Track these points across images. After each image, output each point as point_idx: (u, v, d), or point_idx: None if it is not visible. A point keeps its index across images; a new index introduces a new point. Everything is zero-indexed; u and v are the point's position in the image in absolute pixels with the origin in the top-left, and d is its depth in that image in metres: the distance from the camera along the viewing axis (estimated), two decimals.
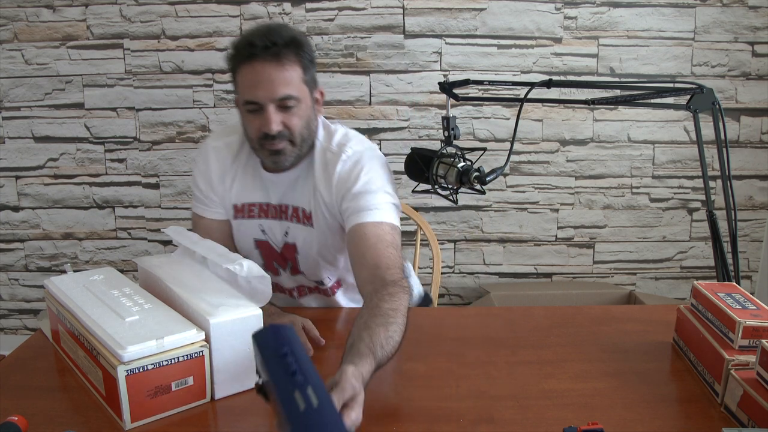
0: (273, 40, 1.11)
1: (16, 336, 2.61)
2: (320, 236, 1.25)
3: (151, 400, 0.86)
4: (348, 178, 1.19)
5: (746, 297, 0.99)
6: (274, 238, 1.30)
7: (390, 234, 1.14)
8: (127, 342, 0.85)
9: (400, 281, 1.06)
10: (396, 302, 0.99)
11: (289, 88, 1.13)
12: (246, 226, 1.31)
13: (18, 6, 2.32)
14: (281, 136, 1.16)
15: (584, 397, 0.94)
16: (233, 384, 0.94)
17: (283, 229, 1.28)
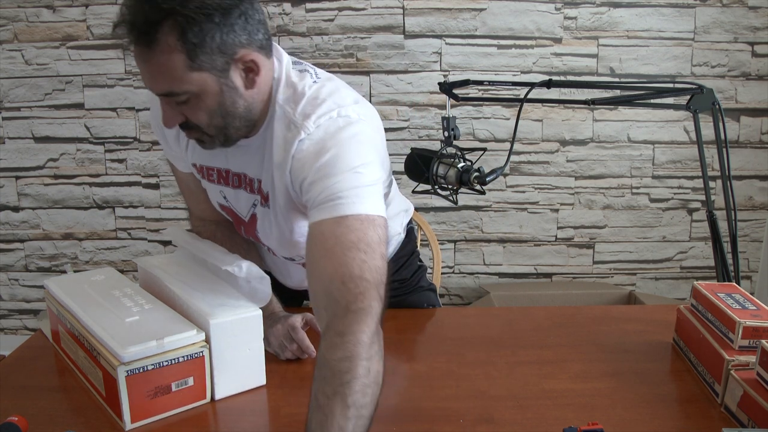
0: (137, 16, 0.81)
1: (16, 336, 2.61)
2: (279, 220, 1.03)
3: (151, 401, 0.86)
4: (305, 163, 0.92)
5: (746, 297, 0.99)
6: (238, 207, 1.10)
7: (356, 231, 0.85)
8: (128, 342, 0.85)
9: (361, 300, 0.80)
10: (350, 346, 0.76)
11: (169, 83, 0.86)
12: (210, 188, 1.13)
13: (18, 6, 2.32)
14: (188, 127, 0.94)
15: (584, 397, 0.94)
16: (233, 384, 0.94)
17: (246, 199, 1.07)
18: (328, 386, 0.74)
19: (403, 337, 1.16)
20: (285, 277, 1.28)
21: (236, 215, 1.12)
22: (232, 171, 1.05)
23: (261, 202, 1.04)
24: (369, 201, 0.89)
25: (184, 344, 0.88)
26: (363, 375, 0.75)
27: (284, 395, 0.95)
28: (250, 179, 1.03)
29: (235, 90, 0.91)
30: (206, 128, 0.93)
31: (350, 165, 0.90)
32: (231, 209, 1.11)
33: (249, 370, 0.95)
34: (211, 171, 1.08)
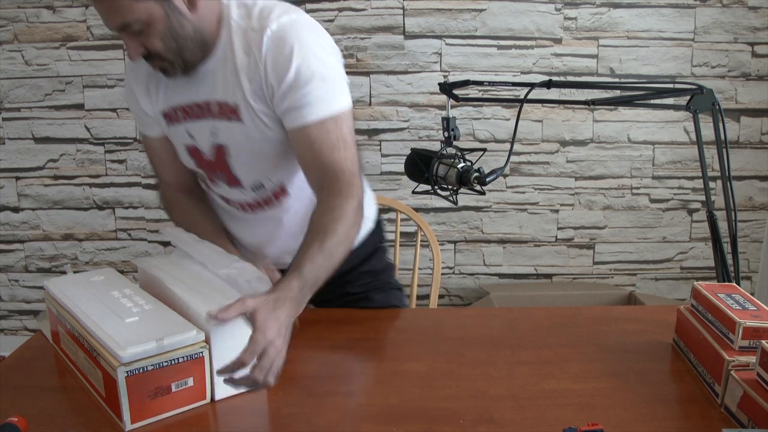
0: None
1: (16, 337, 2.62)
2: (252, 131, 1.08)
3: (151, 401, 0.86)
4: (278, 62, 1.02)
5: (746, 298, 0.99)
6: (202, 142, 1.13)
7: (334, 131, 1.04)
8: (127, 343, 0.85)
9: (347, 187, 1.03)
10: (336, 212, 1.00)
11: (121, 15, 0.96)
12: (176, 133, 1.16)
13: (18, 7, 2.32)
14: (150, 58, 1.03)
15: (584, 397, 0.94)
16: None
17: (209, 129, 1.11)
18: (312, 234, 0.98)
19: (403, 337, 1.16)
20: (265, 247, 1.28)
21: (200, 154, 1.16)
22: (197, 102, 1.11)
23: (230, 116, 1.08)
24: (339, 96, 1.06)
25: (183, 345, 0.88)
26: (342, 234, 0.99)
27: (284, 395, 0.95)
28: (217, 102, 1.09)
29: (179, 13, 1.00)
30: (165, 54, 1.02)
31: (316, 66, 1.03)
32: (196, 148, 1.15)
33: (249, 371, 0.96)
34: (178, 111, 1.13)
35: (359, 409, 0.91)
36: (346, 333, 1.17)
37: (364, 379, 0.99)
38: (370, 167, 2.46)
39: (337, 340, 1.14)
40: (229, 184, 1.17)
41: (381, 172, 2.46)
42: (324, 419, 0.88)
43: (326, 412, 0.90)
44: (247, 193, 1.18)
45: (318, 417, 0.88)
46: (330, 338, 1.15)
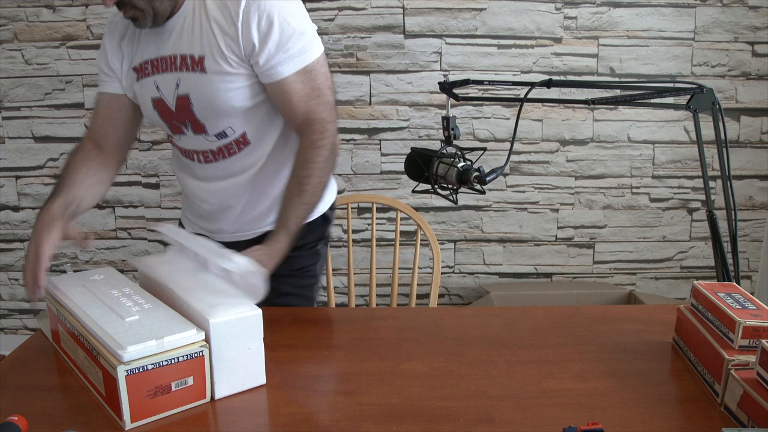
0: None
1: (16, 336, 2.62)
2: (214, 81, 1.15)
3: (151, 400, 0.86)
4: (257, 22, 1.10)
5: (746, 297, 0.99)
6: (167, 94, 1.20)
7: (309, 82, 1.15)
8: (127, 342, 0.85)
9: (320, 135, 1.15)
10: (311, 166, 1.14)
11: None
12: (144, 87, 1.22)
13: (18, 6, 2.32)
14: (123, 5, 1.10)
15: (584, 397, 0.94)
16: (233, 383, 0.94)
17: (174, 80, 1.18)
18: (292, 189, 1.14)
19: (403, 337, 1.16)
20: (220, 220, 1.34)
21: (166, 105, 1.22)
22: (164, 55, 1.18)
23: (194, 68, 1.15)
24: (312, 48, 1.16)
25: (183, 344, 0.88)
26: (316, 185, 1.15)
27: (284, 395, 0.95)
28: (182, 56, 1.16)
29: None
30: (136, 2, 1.09)
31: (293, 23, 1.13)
32: (161, 100, 1.22)
33: (249, 369, 0.96)
34: (147, 65, 1.21)
35: (359, 409, 0.91)
36: (346, 333, 1.17)
37: (364, 379, 0.99)
38: (371, 166, 2.46)
39: (337, 340, 1.14)
40: (195, 131, 1.23)
41: (381, 171, 2.46)
42: (324, 419, 0.88)
43: (326, 412, 0.90)
44: (211, 140, 1.24)
45: (318, 417, 0.88)
46: (330, 338, 1.15)
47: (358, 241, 2.52)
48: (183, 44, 1.15)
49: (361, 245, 2.52)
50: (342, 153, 2.45)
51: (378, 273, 2.44)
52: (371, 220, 1.80)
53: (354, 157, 2.45)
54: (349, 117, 2.41)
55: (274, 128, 1.26)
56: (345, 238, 2.50)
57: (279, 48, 1.12)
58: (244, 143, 1.25)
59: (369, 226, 2.50)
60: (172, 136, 1.28)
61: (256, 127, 1.24)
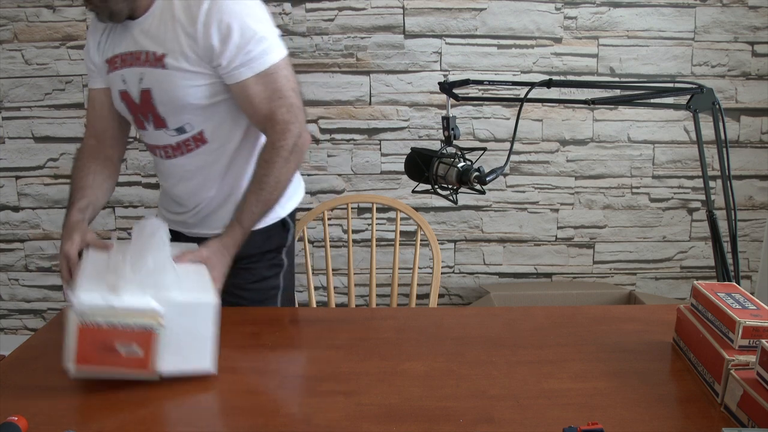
0: None
1: (16, 336, 2.62)
2: (175, 77, 1.20)
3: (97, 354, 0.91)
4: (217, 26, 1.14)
5: (746, 297, 0.99)
6: (132, 87, 1.25)
7: (271, 84, 1.19)
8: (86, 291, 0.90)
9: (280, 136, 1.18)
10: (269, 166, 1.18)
11: None
12: (113, 80, 1.28)
13: (18, 6, 2.32)
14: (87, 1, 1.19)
15: (584, 397, 0.94)
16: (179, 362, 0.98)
17: (138, 75, 1.23)
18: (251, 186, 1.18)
19: (403, 337, 1.16)
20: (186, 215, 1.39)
21: (131, 98, 1.27)
22: (131, 51, 1.24)
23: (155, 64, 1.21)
24: (273, 52, 1.19)
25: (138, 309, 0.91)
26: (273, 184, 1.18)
27: (284, 395, 0.95)
28: (146, 52, 1.21)
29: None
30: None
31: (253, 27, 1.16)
32: (127, 93, 1.27)
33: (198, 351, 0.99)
34: (117, 59, 1.26)
35: (359, 409, 0.91)
36: (346, 333, 1.17)
37: (364, 379, 0.99)
38: (371, 166, 2.46)
39: (337, 340, 1.14)
40: (156, 126, 1.28)
41: (381, 171, 2.46)
42: (324, 419, 0.88)
43: (326, 412, 0.90)
44: (171, 135, 1.28)
45: (318, 417, 0.88)
46: (330, 338, 1.15)
47: (358, 241, 2.52)
48: (148, 41, 1.21)
49: (361, 245, 2.52)
50: (342, 153, 2.45)
51: (378, 273, 2.44)
52: (371, 220, 1.80)
53: (354, 157, 2.45)
54: (349, 117, 2.41)
55: (236, 129, 1.29)
56: (345, 238, 2.51)
57: (239, 51, 1.16)
58: (201, 141, 1.28)
59: (369, 226, 2.50)
60: (139, 130, 1.33)
61: (215, 126, 1.27)
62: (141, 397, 0.94)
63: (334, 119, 2.42)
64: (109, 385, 0.96)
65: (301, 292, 2.55)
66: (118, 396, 0.94)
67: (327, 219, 1.80)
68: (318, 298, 2.59)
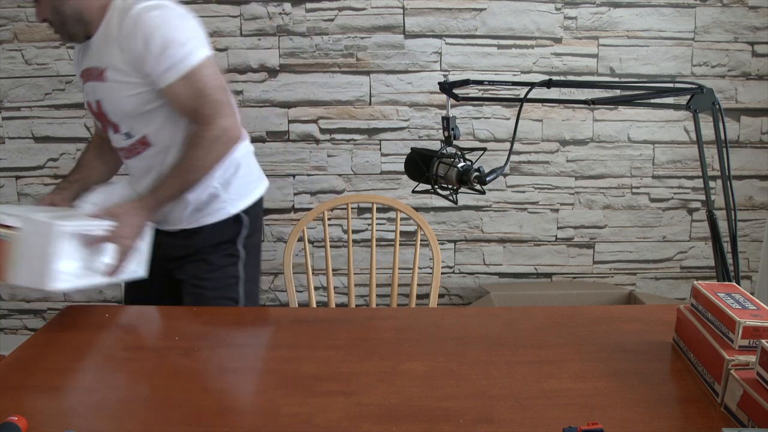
0: None
1: (16, 336, 2.62)
2: (113, 89, 1.32)
3: None
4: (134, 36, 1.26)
5: (746, 297, 0.99)
6: (91, 100, 1.39)
7: (196, 83, 1.28)
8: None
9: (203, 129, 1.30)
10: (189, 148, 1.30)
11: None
12: (85, 89, 1.42)
13: (18, 6, 2.32)
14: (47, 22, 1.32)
15: (584, 397, 0.94)
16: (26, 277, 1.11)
17: (93, 88, 1.37)
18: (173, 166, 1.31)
19: (403, 337, 1.16)
20: None
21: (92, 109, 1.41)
22: (87, 66, 1.37)
23: (98, 78, 1.33)
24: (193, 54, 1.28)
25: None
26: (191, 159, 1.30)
27: (284, 395, 0.95)
28: (94, 68, 1.34)
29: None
30: (53, 22, 1.31)
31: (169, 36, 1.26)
32: (89, 103, 1.41)
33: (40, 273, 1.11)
34: (84, 72, 1.39)
35: (359, 409, 0.91)
36: (346, 333, 1.18)
37: (364, 379, 0.99)
38: (371, 166, 2.46)
39: (337, 340, 1.14)
40: (114, 131, 1.40)
41: (381, 171, 2.46)
42: (324, 419, 0.88)
43: (326, 412, 0.90)
44: (123, 139, 1.40)
45: (318, 417, 0.88)
46: (330, 338, 1.15)
47: (358, 241, 2.52)
48: (94, 57, 1.34)
49: (361, 245, 2.52)
50: (342, 153, 2.45)
51: (378, 273, 2.44)
52: (371, 220, 1.80)
53: (354, 157, 2.45)
54: (349, 117, 2.41)
55: (177, 132, 1.37)
56: (345, 238, 2.51)
57: (161, 57, 1.25)
58: (146, 144, 1.39)
59: (369, 226, 2.50)
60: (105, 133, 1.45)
61: (155, 130, 1.37)
62: (141, 397, 0.94)
63: (334, 119, 2.42)
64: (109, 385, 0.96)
65: (301, 292, 2.55)
66: (118, 396, 0.94)
67: (327, 219, 1.80)
68: (318, 298, 2.59)
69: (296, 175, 2.46)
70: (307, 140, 2.43)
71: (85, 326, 1.19)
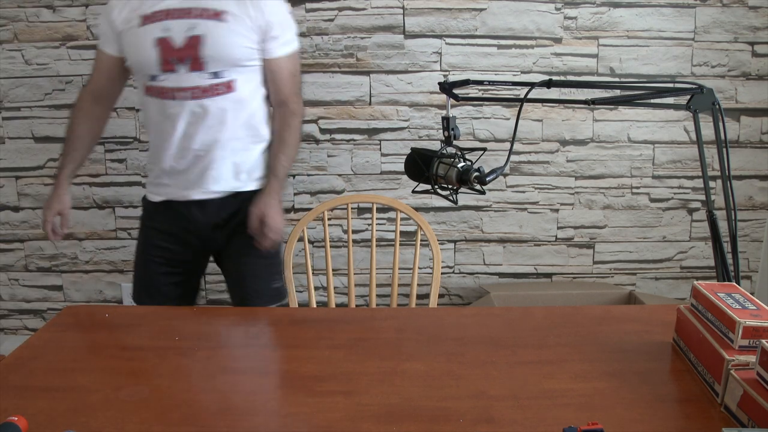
0: None
1: (16, 336, 2.62)
2: (230, 34, 1.41)
3: None
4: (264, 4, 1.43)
5: (746, 297, 0.99)
6: (175, 35, 1.41)
7: (290, 65, 1.51)
8: None
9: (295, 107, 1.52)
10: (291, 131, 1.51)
11: None
12: (149, 30, 1.42)
13: (18, 6, 2.32)
14: None
15: (584, 397, 0.94)
16: None
17: (188, 25, 1.40)
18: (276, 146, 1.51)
19: (403, 337, 1.16)
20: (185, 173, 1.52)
21: (170, 44, 1.41)
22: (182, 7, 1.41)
23: (212, 17, 1.40)
24: (295, 40, 1.52)
25: None
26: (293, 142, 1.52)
27: (284, 395, 0.95)
28: (203, 8, 1.41)
29: None
30: None
31: (289, 17, 1.50)
32: (167, 39, 1.42)
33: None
34: (159, 13, 1.42)
35: (359, 409, 0.91)
36: (346, 333, 1.18)
37: (364, 379, 0.99)
38: (370, 167, 2.46)
39: (337, 340, 1.14)
40: (191, 68, 1.42)
41: (381, 171, 2.46)
42: (324, 419, 0.88)
43: (326, 412, 0.90)
44: (205, 78, 1.43)
45: (318, 417, 0.89)
46: (330, 338, 1.15)
47: (358, 241, 2.52)
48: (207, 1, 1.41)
49: (361, 245, 2.52)
50: (342, 153, 2.45)
51: (378, 273, 2.44)
52: (371, 220, 1.80)
53: (354, 157, 2.45)
54: (349, 117, 2.41)
55: (258, 92, 1.51)
56: (345, 238, 2.50)
57: (282, 31, 1.46)
58: (230, 89, 1.46)
59: (369, 226, 2.50)
60: (158, 76, 1.44)
61: (244, 81, 1.47)
62: (141, 397, 0.94)
63: (334, 119, 2.42)
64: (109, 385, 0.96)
65: (301, 292, 2.55)
66: (118, 396, 0.94)
67: (327, 219, 1.80)
68: (318, 298, 2.59)
69: (296, 175, 2.46)
70: (307, 140, 2.43)
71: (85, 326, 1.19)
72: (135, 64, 1.48)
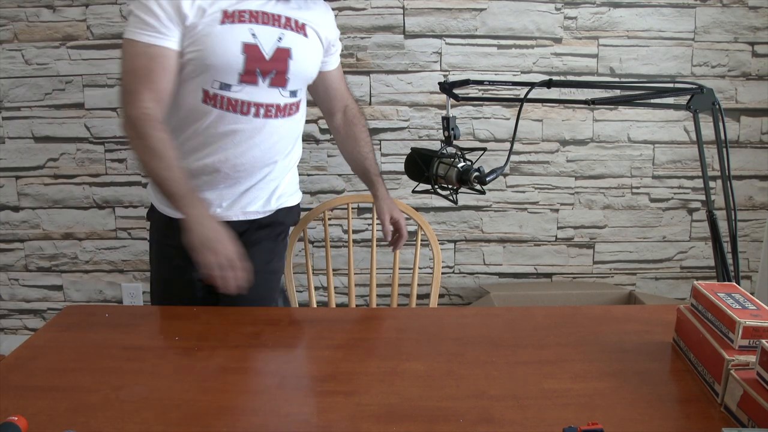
0: None
1: (16, 336, 2.62)
2: (309, 49, 1.36)
3: None
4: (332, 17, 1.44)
5: (746, 297, 0.99)
6: (264, 43, 1.28)
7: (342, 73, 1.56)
8: None
9: (359, 108, 1.59)
10: (365, 129, 1.57)
11: None
12: (235, 30, 1.24)
13: (18, 6, 2.32)
14: None
15: (584, 397, 0.94)
16: None
17: (277, 34, 1.30)
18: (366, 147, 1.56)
19: (403, 337, 1.16)
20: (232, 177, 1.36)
21: (259, 52, 1.28)
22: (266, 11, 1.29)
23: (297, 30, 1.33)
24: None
25: None
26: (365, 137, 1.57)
27: (284, 395, 0.95)
28: (287, 17, 1.31)
29: None
30: None
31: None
32: (256, 46, 1.27)
33: None
34: (243, 12, 1.26)
35: (359, 409, 0.91)
36: (346, 333, 1.18)
37: (364, 379, 0.99)
38: None
39: (337, 340, 1.14)
40: (272, 84, 1.31)
41: (381, 171, 2.46)
42: (324, 419, 0.88)
43: (326, 412, 0.90)
44: (282, 96, 1.34)
45: (318, 417, 0.89)
46: (330, 338, 1.15)
47: (358, 241, 2.52)
48: (289, 9, 1.32)
49: (361, 245, 2.52)
50: None
51: (378, 273, 2.44)
52: (371, 220, 1.80)
53: None
54: None
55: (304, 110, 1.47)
56: (345, 238, 2.51)
57: (338, 45, 1.48)
58: (297, 110, 1.40)
59: (369, 226, 2.50)
60: (233, 86, 1.26)
61: (303, 100, 1.43)
62: (141, 397, 0.94)
63: None
64: (109, 385, 0.96)
65: (301, 292, 2.55)
66: (118, 396, 0.94)
67: (327, 219, 1.80)
68: (318, 298, 2.59)
69: None
70: (307, 140, 2.43)
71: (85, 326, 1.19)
72: (208, 68, 1.25)
